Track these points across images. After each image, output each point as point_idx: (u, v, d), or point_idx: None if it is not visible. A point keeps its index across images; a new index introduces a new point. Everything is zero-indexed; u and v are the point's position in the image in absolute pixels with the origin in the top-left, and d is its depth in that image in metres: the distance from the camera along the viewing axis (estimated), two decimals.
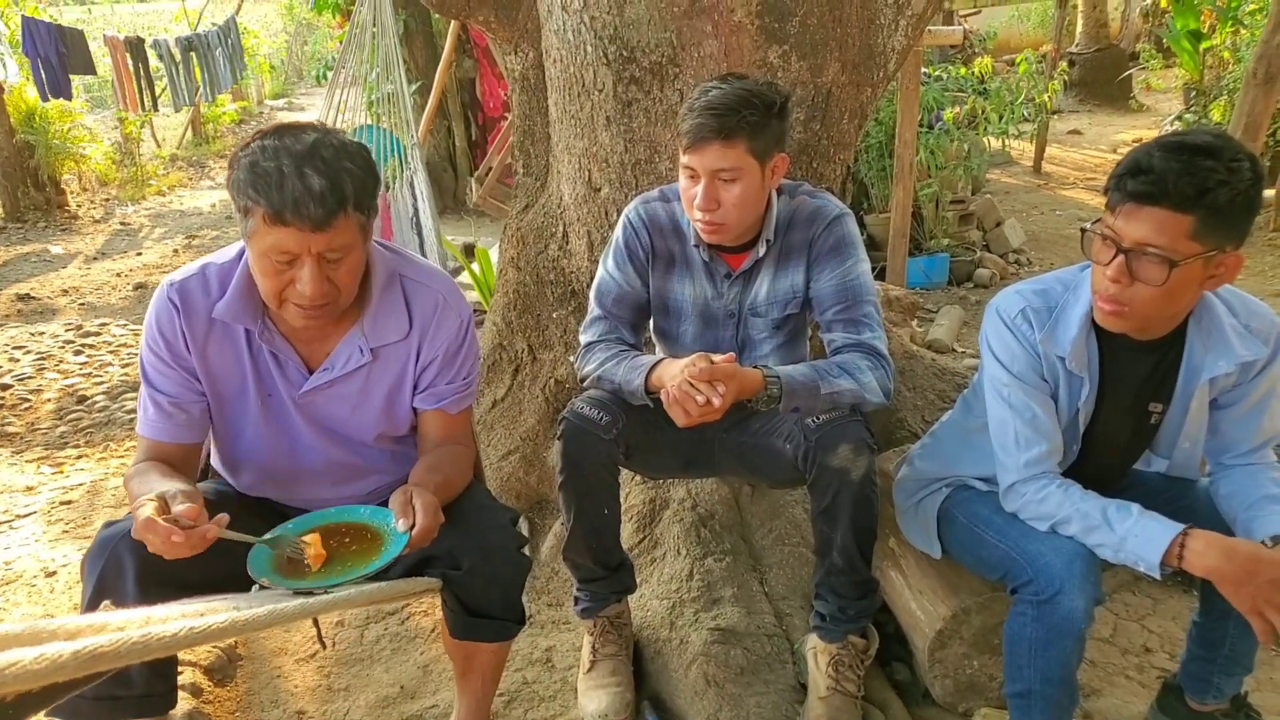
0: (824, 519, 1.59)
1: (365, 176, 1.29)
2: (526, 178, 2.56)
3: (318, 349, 1.46)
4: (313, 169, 1.22)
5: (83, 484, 2.94)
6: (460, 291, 1.55)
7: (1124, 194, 1.27)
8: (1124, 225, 1.27)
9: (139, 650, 0.93)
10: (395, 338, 1.46)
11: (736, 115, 1.49)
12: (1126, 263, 1.28)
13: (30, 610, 2.26)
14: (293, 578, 1.27)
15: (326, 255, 1.28)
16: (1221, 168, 1.21)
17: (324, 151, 1.24)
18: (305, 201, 1.21)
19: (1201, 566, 1.30)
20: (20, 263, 6.17)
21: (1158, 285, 1.27)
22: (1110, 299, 1.33)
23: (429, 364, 1.50)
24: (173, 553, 1.19)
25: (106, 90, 9.10)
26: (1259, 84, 3.19)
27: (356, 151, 1.30)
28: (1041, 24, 12.21)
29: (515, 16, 2.37)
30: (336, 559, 1.32)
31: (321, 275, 1.28)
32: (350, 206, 1.26)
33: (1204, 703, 1.65)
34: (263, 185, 1.22)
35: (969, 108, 4.95)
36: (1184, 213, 1.23)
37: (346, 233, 1.27)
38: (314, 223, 1.23)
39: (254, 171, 1.23)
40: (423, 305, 1.48)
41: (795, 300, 1.70)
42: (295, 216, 1.22)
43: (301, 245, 1.25)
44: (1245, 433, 1.48)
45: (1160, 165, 1.23)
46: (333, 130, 1.33)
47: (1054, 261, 5.18)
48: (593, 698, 1.76)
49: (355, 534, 1.37)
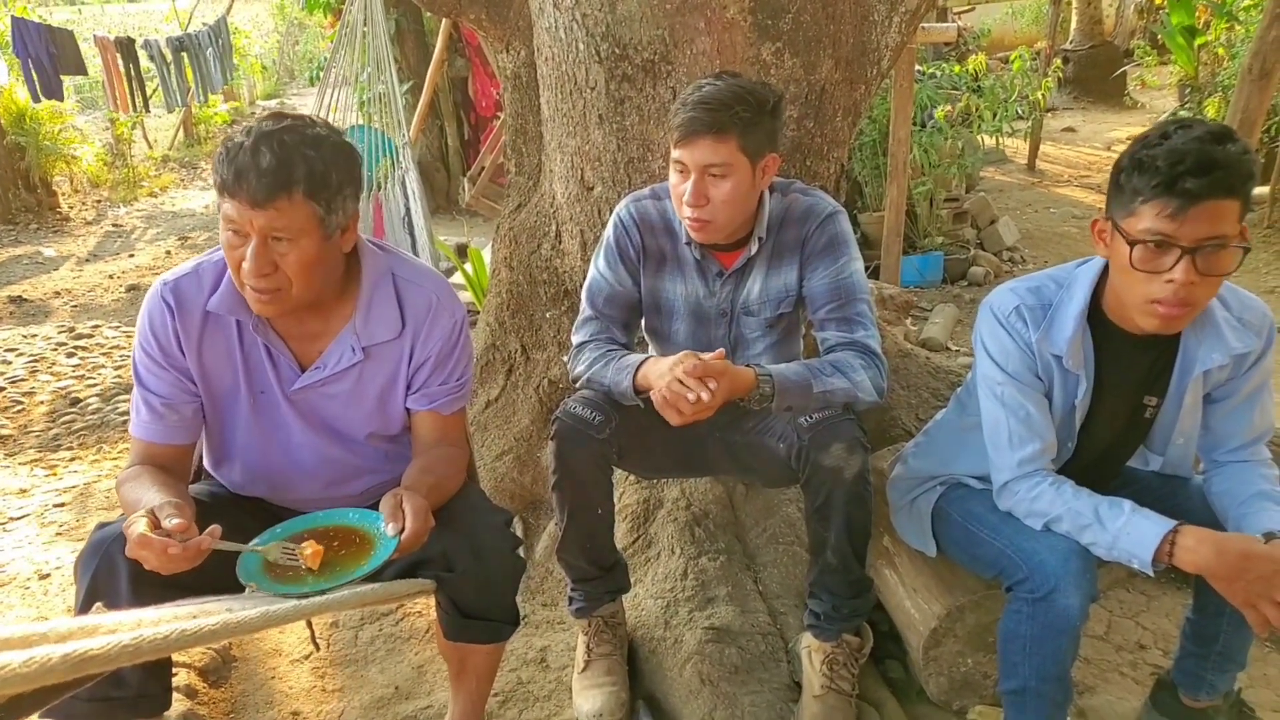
0: (817, 518, 1.59)
1: (328, 168, 1.28)
2: (519, 177, 2.55)
3: (310, 346, 1.45)
4: (267, 146, 1.23)
5: (76, 486, 2.93)
6: (454, 292, 1.54)
7: (1181, 195, 1.22)
8: (1185, 226, 1.23)
9: (130, 653, 0.93)
10: (387, 337, 1.46)
11: (729, 110, 1.49)
12: (1193, 262, 1.25)
13: (24, 613, 2.25)
14: (282, 583, 1.26)
15: (272, 235, 1.27)
16: (1245, 149, 1.23)
17: (288, 135, 1.25)
18: (248, 174, 1.23)
19: (1192, 563, 1.30)
20: (12, 265, 6.15)
21: (1231, 272, 1.27)
22: (1180, 301, 1.28)
23: (422, 364, 1.49)
24: (170, 568, 1.18)
25: (97, 91, 9.07)
26: (1254, 80, 3.19)
27: (330, 145, 1.29)
28: (1036, 21, 12.22)
29: (507, 14, 2.36)
30: (325, 563, 1.31)
31: (265, 256, 1.28)
32: (299, 191, 1.25)
33: (1198, 699, 1.65)
34: (222, 156, 1.25)
35: (963, 105, 4.96)
36: (1235, 198, 1.23)
37: (292, 216, 1.26)
38: (252, 197, 1.24)
39: (225, 145, 1.26)
40: (415, 305, 1.47)
41: (788, 299, 1.70)
42: (237, 187, 1.24)
43: (243, 218, 1.26)
44: (1237, 427, 1.48)
45: (1221, 156, 1.21)
46: (320, 123, 1.32)
47: (1048, 259, 5.19)
48: (587, 697, 1.76)
49: (344, 538, 1.36)
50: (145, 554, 1.18)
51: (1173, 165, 1.22)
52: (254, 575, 1.27)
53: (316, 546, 1.31)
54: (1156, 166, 1.23)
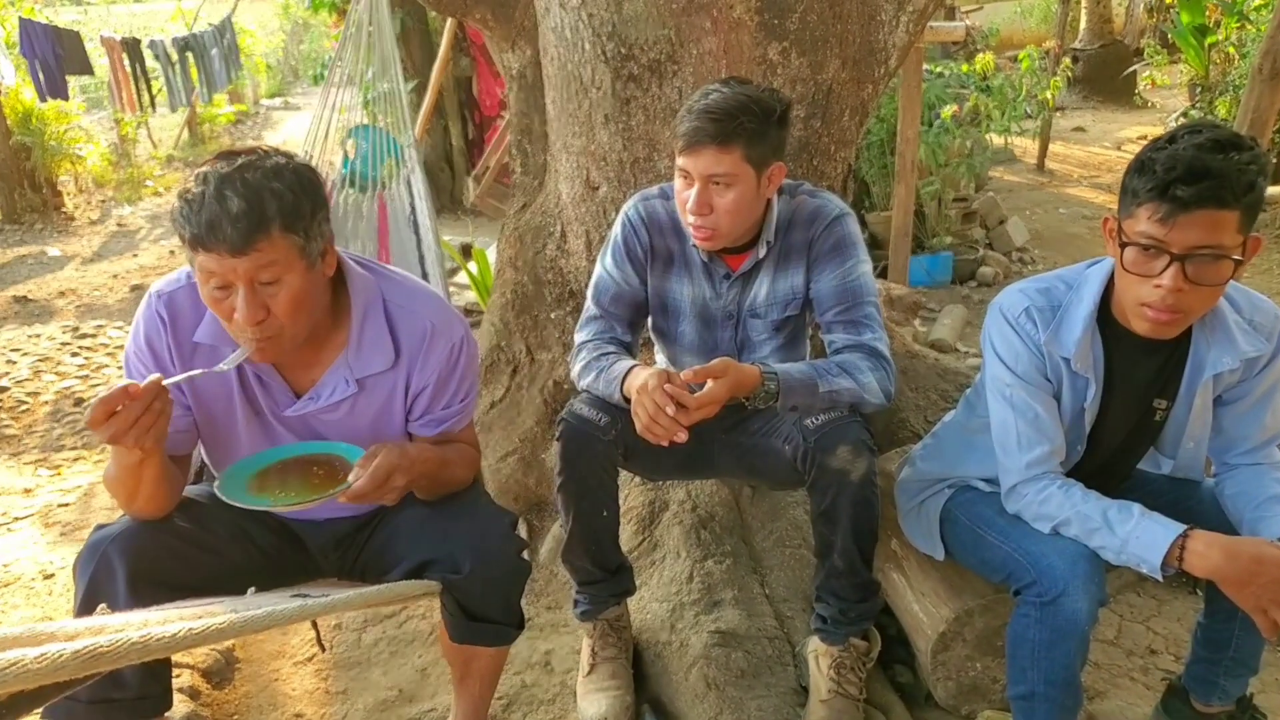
0: (824, 521, 1.58)
1: (297, 198, 1.23)
2: (524, 177, 2.54)
3: (303, 375, 1.43)
4: (232, 190, 1.18)
5: (80, 486, 2.93)
6: (452, 312, 1.50)
7: (1172, 201, 1.22)
8: (1176, 232, 1.23)
9: (139, 651, 0.93)
10: (381, 368, 1.43)
11: (734, 121, 1.47)
12: (1182, 269, 1.25)
13: (28, 613, 2.25)
14: (258, 495, 1.34)
15: (259, 280, 1.23)
16: (1252, 158, 1.21)
17: (249, 173, 1.20)
18: (220, 224, 1.17)
19: (1203, 568, 1.28)
20: (17, 264, 6.16)
21: (1221, 284, 1.26)
22: (1168, 308, 1.28)
23: (421, 392, 1.46)
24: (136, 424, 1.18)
25: (103, 91, 9.08)
26: (1265, 79, 3.16)
27: (291, 172, 1.24)
28: (1044, 20, 12.18)
29: (512, 14, 2.35)
30: (302, 490, 1.36)
31: (256, 301, 1.24)
32: (275, 228, 1.20)
33: (1209, 704, 1.64)
34: (186, 211, 1.19)
35: (971, 105, 4.93)
36: (1232, 209, 1.21)
37: (273, 254, 1.22)
38: (231, 245, 1.18)
39: (183, 199, 1.20)
40: (409, 334, 1.43)
41: (795, 301, 1.68)
42: (212, 239, 1.18)
43: (225, 269, 1.21)
44: (1249, 430, 1.47)
45: (1216, 166, 1.20)
46: (275, 153, 1.27)
47: (1058, 259, 5.16)
48: (592, 701, 1.75)
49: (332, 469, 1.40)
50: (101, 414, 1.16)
51: (1168, 170, 1.22)
52: (234, 482, 1.35)
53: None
54: (1154, 170, 1.24)
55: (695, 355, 1.75)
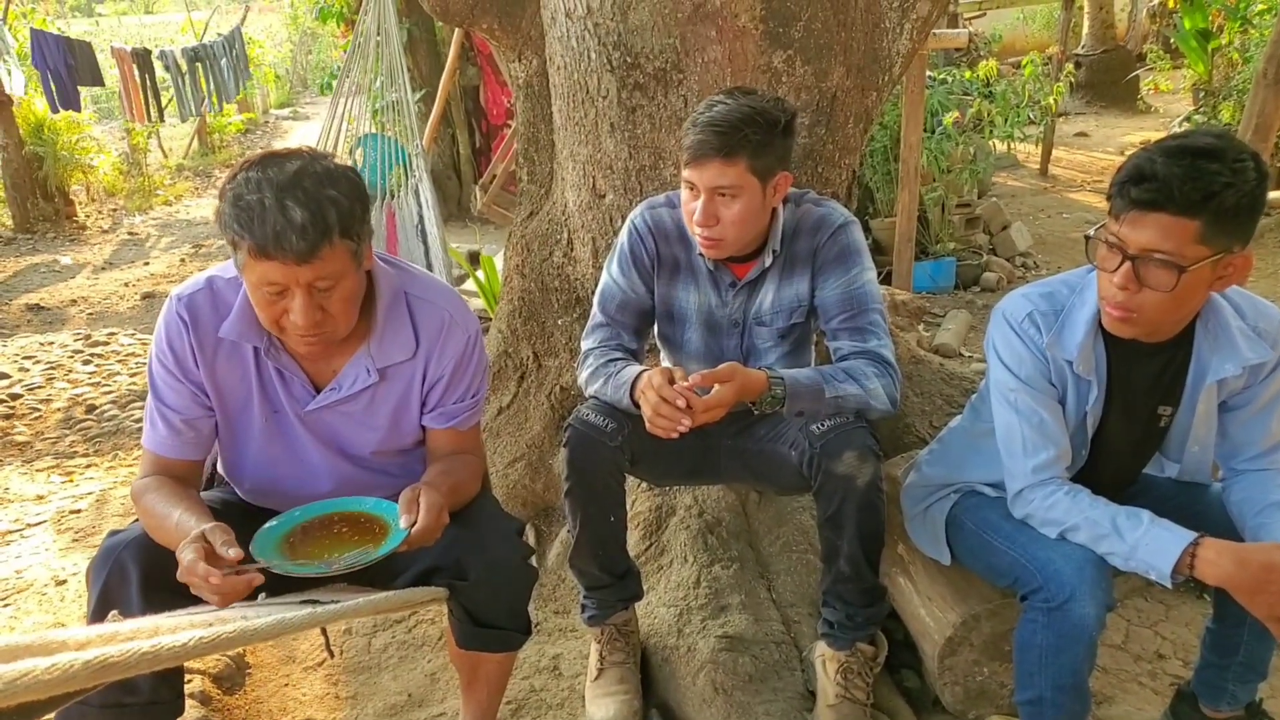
0: (830, 526, 1.58)
1: (351, 203, 1.26)
2: (531, 185, 2.56)
3: (324, 367, 1.45)
4: (294, 200, 1.20)
5: (92, 493, 2.95)
6: (467, 307, 1.54)
7: (1127, 201, 1.25)
8: (1129, 232, 1.26)
9: (149, 660, 0.93)
10: (402, 357, 1.46)
11: (739, 133, 1.48)
12: (1134, 269, 1.27)
13: (41, 619, 2.26)
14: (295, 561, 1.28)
15: (317, 285, 1.26)
16: (1226, 170, 1.20)
17: (306, 181, 1.22)
18: (287, 234, 1.20)
19: (1214, 576, 1.28)
20: (30, 273, 6.21)
21: (1167, 290, 1.26)
22: (1119, 305, 1.32)
23: (436, 382, 1.49)
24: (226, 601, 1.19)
25: (114, 101, 9.16)
26: (1269, 84, 3.17)
27: (342, 176, 1.27)
28: (1047, 26, 12.17)
29: (519, 23, 2.37)
30: (337, 548, 1.32)
31: (313, 304, 1.28)
32: (336, 235, 1.24)
33: (1218, 710, 1.63)
34: (245, 219, 1.21)
35: (975, 111, 4.94)
36: (1190, 217, 1.21)
37: (335, 262, 1.26)
38: (298, 255, 1.21)
39: (237, 206, 1.21)
40: (429, 324, 1.46)
41: (800, 309, 1.69)
42: (279, 250, 1.21)
43: (289, 277, 1.24)
44: (1254, 435, 1.46)
45: (1164, 171, 1.21)
46: (319, 155, 1.29)
47: (1061, 265, 5.15)
48: (600, 705, 1.76)
49: (359, 525, 1.37)
50: (197, 582, 1.18)
51: (1131, 170, 1.26)
52: (268, 552, 1.29)
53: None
54: (1121, 169, 1.27)
55: (701, 363, 1.76)
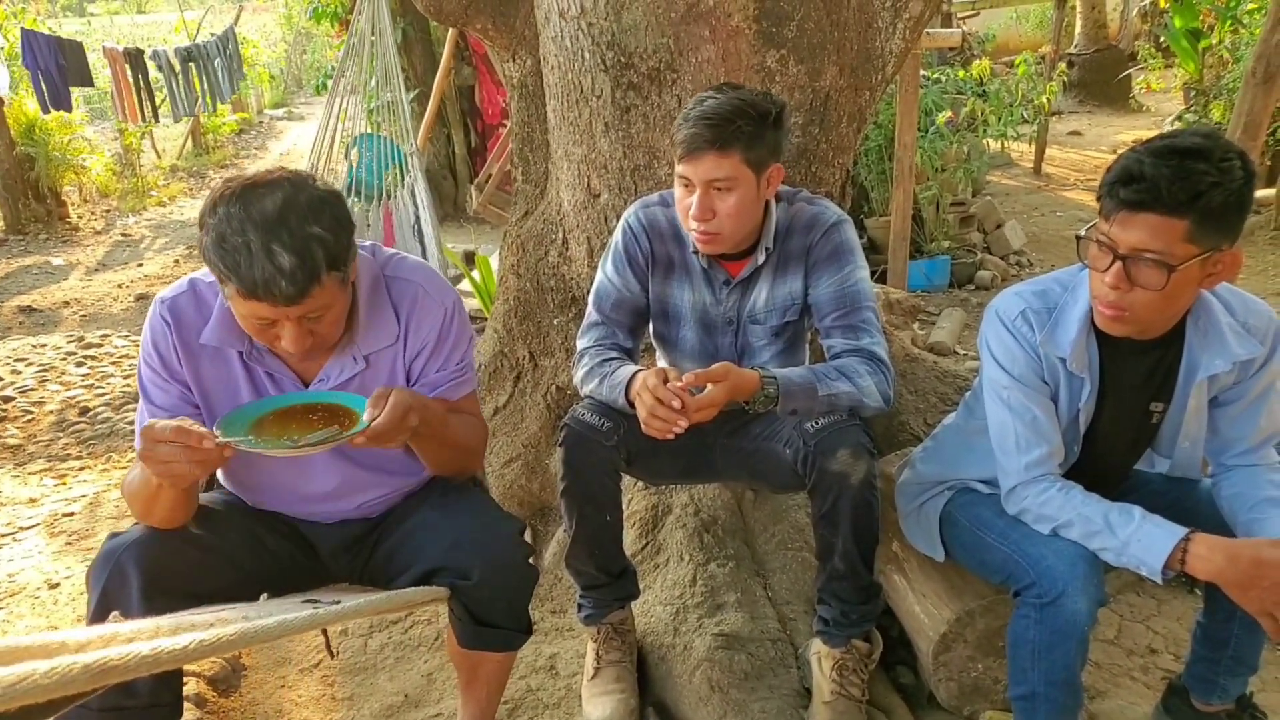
0: (824, 524, 1.59)
1: (337, 235, 1.25)
2: (526, 184, 2.56)
3: (310, 364, 1.45)
4: (280, 245, 1.19)
5: (85, 496, 2.95)
6: (443, 279, 1.54)
7: (1117, 201, 1.27)
8: (1119, 232, 1.27)
9: (149, 663, 0.93)
10: (387, 341, 1.46)
11: (731, 125, 1.49)
12: (1124, 269, 1.28)
13: (34, 622, 2.26)
14: (262, 440, 1.30)
15: (307, 317, 1.28)
16: (1213, 169, 1.21)
17: (291, 219, 1.20)
18: (276, 281, 1.19)
19: (1205, 571, 1.29)
20: (22, 275, 6.19)
21: (1157, 289, 1.27)
22: (1110, 304, 1.33)
23: (417, 354, 1.49)
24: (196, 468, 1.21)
25: (106, 102, 9.12)
26: (1258, 83, 3.19)
27: (324, 206, 1.26)
28: (1040, 25, 12.22)
29: (513, 23, 2.38)
30: (306, 433, 1.33)
31: (304, 332, 1.29)
32: (324, 273, 1.24)
33: (1209, 703, 1.64)
34: (231, 263, 1.20)
35: (968, 110, 4.96)
36: (1178, 217, 1.22)
37: (324, 296, 1.26)
38: (287, 299, 1.22)
39: (222, 247, 1.20)
40: (404, 300, 1.47)
41: (794, 307, 1.70)
42: (267, 295, 1.21)
43: (278, 314, 1.25)
44: (1244, 431, 1.48)
45: (1151, 171, 1.22)
46: (300, 183, 1.26)
47: (1055, 263, 5.18)
48: (597, 704, 1.76)
49: (330, 413, 1.38)
50: (173, 449, 1.19)
51: (1119, 171, 1.27)
52: (237, 432, 1.30)
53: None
54: (1110, 170, 1.29)
55: (696, 361, 1.77)
